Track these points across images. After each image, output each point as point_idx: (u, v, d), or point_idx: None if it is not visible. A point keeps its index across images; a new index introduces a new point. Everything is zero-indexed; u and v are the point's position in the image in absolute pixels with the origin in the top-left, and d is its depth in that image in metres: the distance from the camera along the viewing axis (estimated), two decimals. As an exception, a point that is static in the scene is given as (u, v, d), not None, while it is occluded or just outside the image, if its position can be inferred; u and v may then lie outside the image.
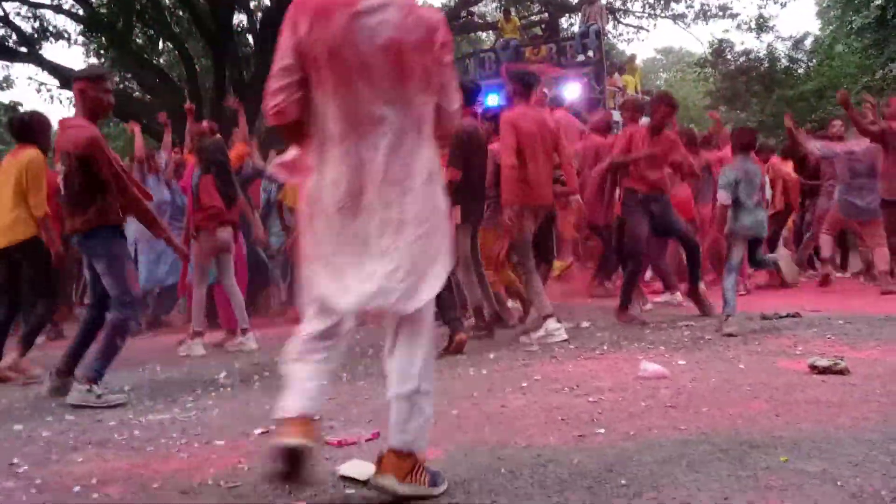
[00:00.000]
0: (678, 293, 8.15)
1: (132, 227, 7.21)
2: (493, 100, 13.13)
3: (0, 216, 5.96)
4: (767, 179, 9.10)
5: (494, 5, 23.21)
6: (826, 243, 9.20)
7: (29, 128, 6.15)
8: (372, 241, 2.73)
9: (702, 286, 7.41)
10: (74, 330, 5.69)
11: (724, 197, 6.36)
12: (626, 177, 7.28)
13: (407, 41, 2.75)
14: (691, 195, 9.01)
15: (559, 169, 6.90)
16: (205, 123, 8.30)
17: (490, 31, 20.31)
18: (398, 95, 2.77)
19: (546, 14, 19.04)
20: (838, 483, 2.67)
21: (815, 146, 9.08)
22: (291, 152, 3.04)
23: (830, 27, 25.82)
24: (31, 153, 5.94)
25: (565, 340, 6.12)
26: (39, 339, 6.80)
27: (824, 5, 28.97)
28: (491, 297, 6.80)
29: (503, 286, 7.37)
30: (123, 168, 5.10)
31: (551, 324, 6.24)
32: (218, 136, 7.81)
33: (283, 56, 2.74)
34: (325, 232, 2.78)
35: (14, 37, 17.54)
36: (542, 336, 6.19)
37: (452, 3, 21.23)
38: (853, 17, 19.84)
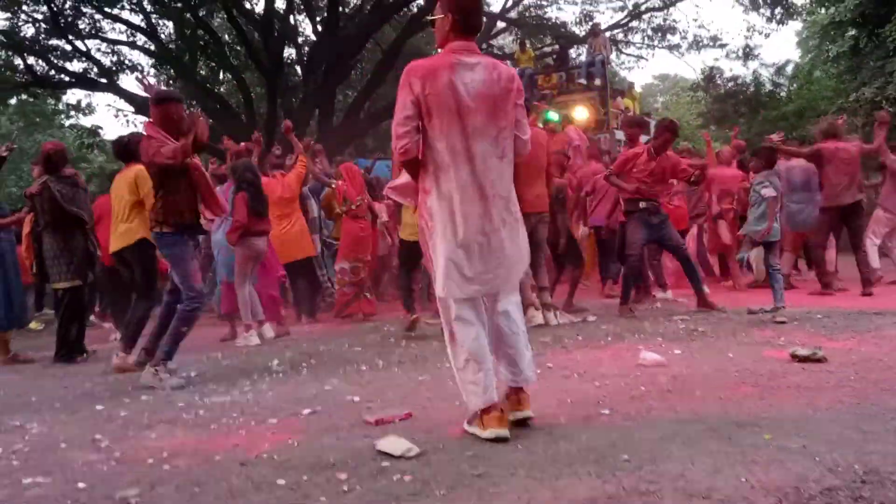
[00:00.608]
0: (670, 291, 8.10)
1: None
2: None
3: (118, 226, 6.07)
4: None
5: (511, 38, 23.18)
6: (785, 261, 9.04)
7: (128, 148, 6.24)
8: (475, 241, 3.23)
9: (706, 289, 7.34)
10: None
11: (770, 191, 6.50)
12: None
13: (495, 90, 3.26)
14: (685, 207, 8.98)
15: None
16: (242, 145, 8.17)
17: (507, 61, 20.33)
18: (489, 131, 3.25)
19: (557, 45, 18.95)
20: (816, 458, 2.65)
21: None
22: (402, 177, 3.56)
23: (809, 55, 25.54)
24: (135, 168, 5.96)
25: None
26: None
27: (804, 35, 28.67)
28: None
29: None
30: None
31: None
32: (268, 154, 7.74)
33: (403, 108, 3.21)
34: (442, 235, 3.24)
35: (95, 69, 17.76)
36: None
37: (474, 37, 21.24)
38: (830, 46, 19.59)
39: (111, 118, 57.72)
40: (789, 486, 2.40)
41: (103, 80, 17.68)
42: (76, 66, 17.72)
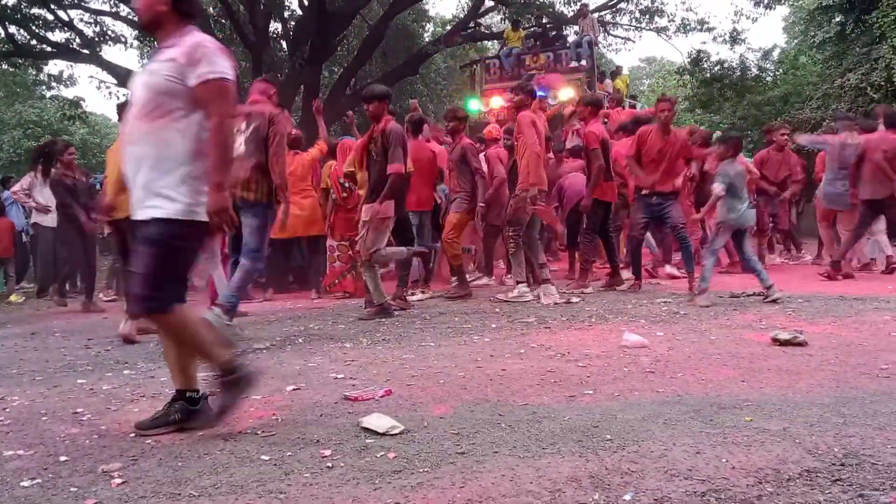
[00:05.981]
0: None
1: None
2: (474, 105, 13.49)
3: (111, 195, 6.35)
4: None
5: (499, 17, 23.01)
6: (826, 238, 9.22)
7: None
8: None
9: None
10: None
11: (719, 189, 6.32)
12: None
13: None
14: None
15: None
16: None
17: (494, 41, 20.14)
18: None
19: (548, 25, 18.77)
20: (797, 440, 2.68)
21: (804, 139, 9.59)
22: None
23: (795, 40, 25.61)
24: None
25: (530, 301, 6.81)
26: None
27: (790, 21, 28.72)
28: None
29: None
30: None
31: (523, 288, 6.99)
32: None
33: None
34: None
35: (78, 40, 17.47)
36: (516, 296, 6.88)
37: (462, 16, 21.10)
38: (816, 32, 19.60)
39: (94, 90, 56.94)
40: (769, 468, 2.43)
41: (85, 51, 17.41)
42: (58, 36, 17.40)
